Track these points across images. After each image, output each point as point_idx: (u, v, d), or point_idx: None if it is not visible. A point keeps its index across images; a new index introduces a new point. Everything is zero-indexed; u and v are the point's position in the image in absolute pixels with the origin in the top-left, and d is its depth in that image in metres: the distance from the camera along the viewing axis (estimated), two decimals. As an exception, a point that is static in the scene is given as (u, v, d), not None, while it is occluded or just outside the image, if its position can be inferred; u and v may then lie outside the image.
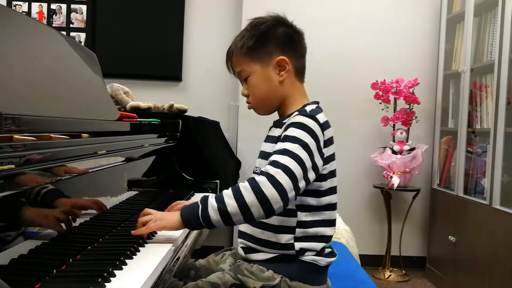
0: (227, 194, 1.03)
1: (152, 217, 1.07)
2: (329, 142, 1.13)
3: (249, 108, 1.24)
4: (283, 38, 1.19)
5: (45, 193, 0.91)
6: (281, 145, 1.07)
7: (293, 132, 1.08)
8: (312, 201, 1.12)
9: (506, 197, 2.29)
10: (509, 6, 2.29)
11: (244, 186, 1.02)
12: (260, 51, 1.18)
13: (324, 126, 1.12)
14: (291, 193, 1.02)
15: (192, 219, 1.05)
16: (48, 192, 0.93)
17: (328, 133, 1.13)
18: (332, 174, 1.16)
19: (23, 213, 0.84)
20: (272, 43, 1.18)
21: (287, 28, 1.21)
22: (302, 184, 1.04)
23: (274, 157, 1.05)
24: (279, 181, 1.00)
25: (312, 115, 1.10)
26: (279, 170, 1.01)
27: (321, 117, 1.12)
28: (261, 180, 1.01)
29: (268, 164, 1.04)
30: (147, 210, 1.11)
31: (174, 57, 3.39)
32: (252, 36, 1.17)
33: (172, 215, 1.07)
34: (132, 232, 1.06)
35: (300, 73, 1.22)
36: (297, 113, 1.13)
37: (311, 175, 1.07)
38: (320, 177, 1.12)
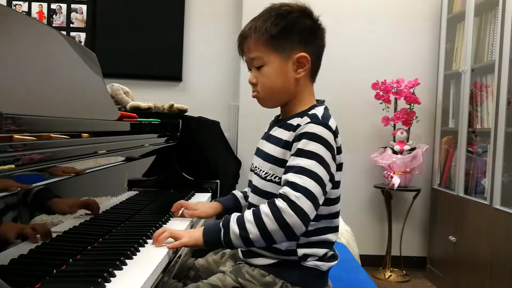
0: (249, 220, 1.01)
1: (182, 233, 1.06)
2: (339, 150, 1.11)
3: (254, 97, 1.16)
4: (308, 33, 1.12)
5: (45, 193, 0.91)
6: (296, 161, 1.03)
7: (307, 145, 1.03)
8: (324, 210, 1.09)
9: (506, 197, 2.29)
10: (509, 6, 2.29)
11: (265, 213, 1.00)
12: (282, 42, 1.10)
13: (336, 132, 1.09)
14: (312, 215, 1.01)
15: (214, 241, 1.04)
16: (48, 192, 0.93)
17: (339, 140, 1.10)
18: (340, 181, 1.14)
19: (23, 213, 0.84)
20: (297, 36, 1.10)
21: (313, 23, 1.14)
22: (321, 200, 1.03)
23: (291, 177, 1.01)
24: (301, 207, 0.98)
25: (325, 123, 1.06)
26: (299, 195, 0.98)
27: (333, 123, 1.09)
28: (283, 207, 0.98)
29: (286, 185, 1.01)
30: (166, 228, 1.09)
31: (174, 57, 3.39)
32: (277, 24, 1.09)
33: (196, 233, 1.06)
34: (168, 246, 1.04)
35: (314, 72, 1.17)
36: (308, 119, 1.07)
37: (328, 187, 1.05)
38: (334, 186, 1.10)
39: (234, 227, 1.02)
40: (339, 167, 1.12)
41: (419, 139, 3.19)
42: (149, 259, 0.96)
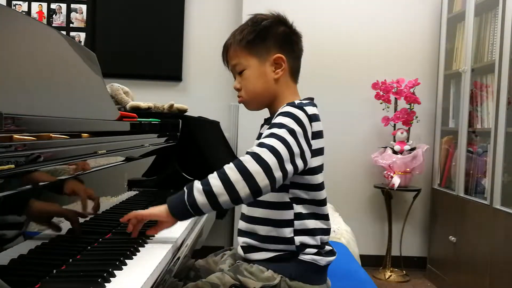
0: (212, 175, 1.03)
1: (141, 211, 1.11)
2: (317, 135, 1.13)
3: (240, 102, 1.25)
4: (282, 37, 1.20)
5: (44, 193, 0.91)
6: (268, 131, 1.08)
7: (280, 119, 1.09)
8: (304, 195, 1.13)
9: (506, 197, 2.29)
10: (509, 5, 2.28)
11: (228, 166, 1.03)
12: (258, 46, 1.19)
13: (312, 118, 1.12)
14: (277, 173, 1.00)
15: (179, 206, 1.04)
16: (48, 192, 0.93)
17: (317, 126, 1.13)
18: (321, 169, 1.16)
19: (23, 213, 0.84)
20: (271, 40, 1.19)
21: (287, 28, 1.22)
22: (289, 167, 1.03)
23: (260, 140, 1.05)
24: (263, 158, 1.00)
25: (300, 106, 1.12)
26: (264, 149, 1.02)
27: (310, 109, 1.13)
28: (245, 158, 1.02)
29: (254, 145, 1.06)
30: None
31: (174, 57, 3.39)
32: (253, 31, 1.19)
33: (159, 206, 1.08)
34: (128, 229, 1.08)
35: (294, 73, 1.24)
36: (286, 105, 1.14)
37: (299, 162, 1.06)
38: (311, 171, 1.12)
39: (197, 184, 1.03)
40: (318, 152, 1.14)
41: (419, 139, 3.19)
42: (149, 259, 0.96)
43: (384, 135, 3.20)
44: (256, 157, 1.00)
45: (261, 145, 1.03)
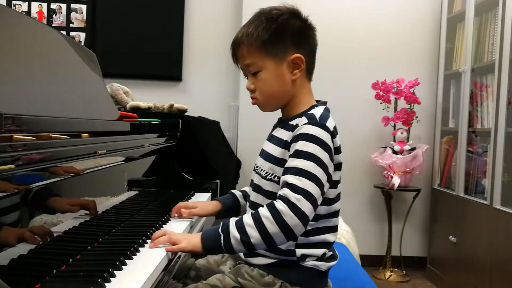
0: (249, 224, 1.01)
1: (181, 238, 1.04)
2: (337, 150, 1.11)
3: (254, 103, 1.18)
4: (299, 34, 1.13)
5: (44, 193, 0.91)
6: (294, 163, 1.03)
7: (305, 146, 1.04)
8: (322, 209, 1.10)
9: (506, 197, 2.29)
10: (509, 5, 2.29)
11: (265, 216, 1.00)
12: (275, 46, 1.11)
13: (334, 133, 1.09)
14: (312, 215, 1.01)
15: (215, 247, 1.03)
16: (48, 192, 0.93)
17: (337, 140, 1.11)
18: (339, 181, 1.15)
19: (23, 213, 0.84)
20: (289, 38, 1.11)
21: (303, 23, 1.15)
22: (320, 201, 1.04)
23: (290, 179, 1.01)
24: (302, 209, 0.99)
25: (322, 124, 1.07)
26: (299, 197, 0.99)
27: (331, 124, 1.09)
28: (283, 209, 0.99)
29: (285, 186, 1.02)
30: (166, 231, 1.08)
31: (174, 57, 3.39)
32: (268, 29, 1.10)
33: (194, 239, 1.04)
34: (166, 248, 1.02)
35: (310, 71, 1.18)
36: (306, 120, 1.08)
37: (326, 187, 1.06)
38: (332, 184, 1.10)
39: (234, 232, 1.01)
40: (338, 166, 1.13)
41: (419, 139, 3.19)
42: (149, 259, 0.96)
43: (384, 135, 3.20)
44: (294, 209, 0.98)
45: (294, 189, 1.00)
